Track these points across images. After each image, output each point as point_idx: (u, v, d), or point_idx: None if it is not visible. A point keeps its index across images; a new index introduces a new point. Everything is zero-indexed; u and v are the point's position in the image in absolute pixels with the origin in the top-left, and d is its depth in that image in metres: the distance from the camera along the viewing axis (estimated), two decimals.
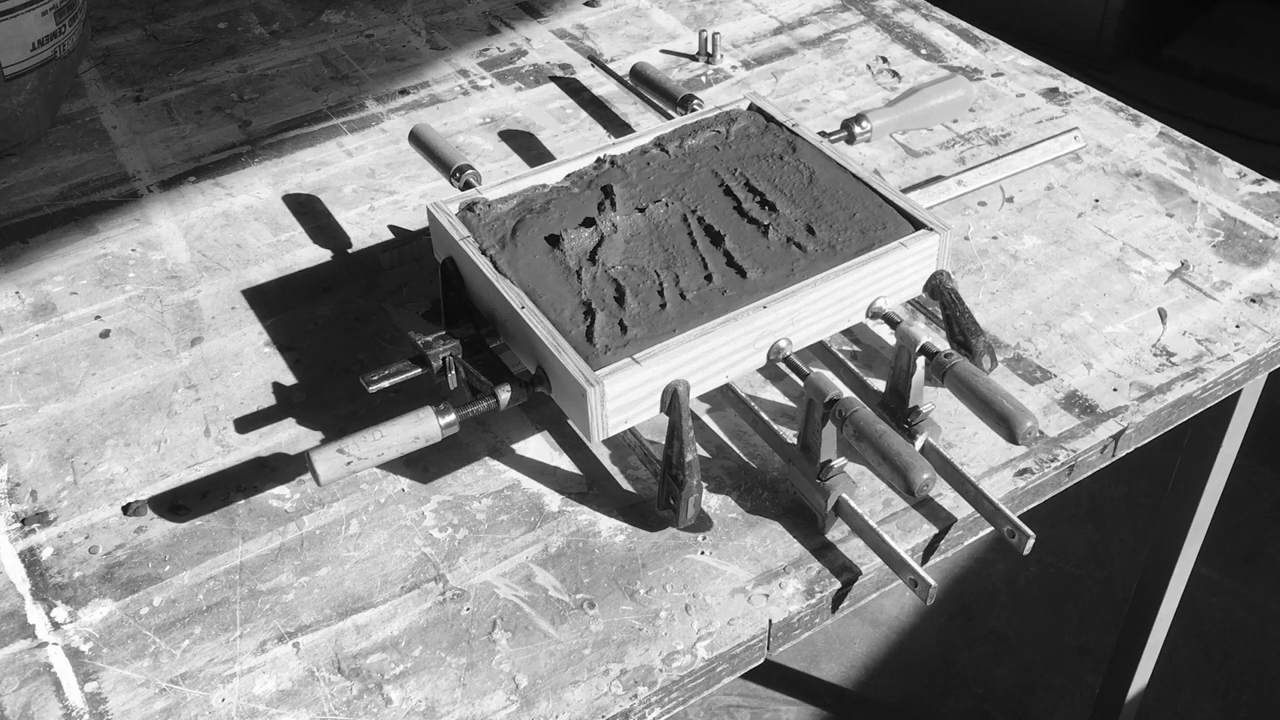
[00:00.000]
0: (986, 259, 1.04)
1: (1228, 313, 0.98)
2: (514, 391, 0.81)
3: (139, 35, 1.40)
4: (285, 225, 1.10)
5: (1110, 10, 2.95)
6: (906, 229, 0.88)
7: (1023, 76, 1.28)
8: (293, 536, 0.82)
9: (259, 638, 0.76)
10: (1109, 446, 0.89)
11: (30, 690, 0.73)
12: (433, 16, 1.42)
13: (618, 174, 0.94)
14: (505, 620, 0.77)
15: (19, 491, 0.86)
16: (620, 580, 0.79)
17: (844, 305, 0.85)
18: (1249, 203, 1.10)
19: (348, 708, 0.72)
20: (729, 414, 0.90)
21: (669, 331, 0.80)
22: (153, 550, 0.81)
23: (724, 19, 1.39)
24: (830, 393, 0.77)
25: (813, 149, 0.96)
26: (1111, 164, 1.15)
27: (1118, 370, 0.93)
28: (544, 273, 0.85)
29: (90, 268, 1.06)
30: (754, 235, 0.88)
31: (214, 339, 0.98)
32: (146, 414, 0.91)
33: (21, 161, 1.19)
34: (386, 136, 1.21)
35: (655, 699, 0.73)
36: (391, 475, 0.86)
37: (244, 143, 1.21)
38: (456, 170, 0.98)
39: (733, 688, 1.79)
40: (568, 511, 0.83)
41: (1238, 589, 1.90)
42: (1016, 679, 1.80)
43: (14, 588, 0.79)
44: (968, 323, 0.87)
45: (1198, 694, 1.77)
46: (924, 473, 0.72)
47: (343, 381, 0.93)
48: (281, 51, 1.36)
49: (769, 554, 0.80)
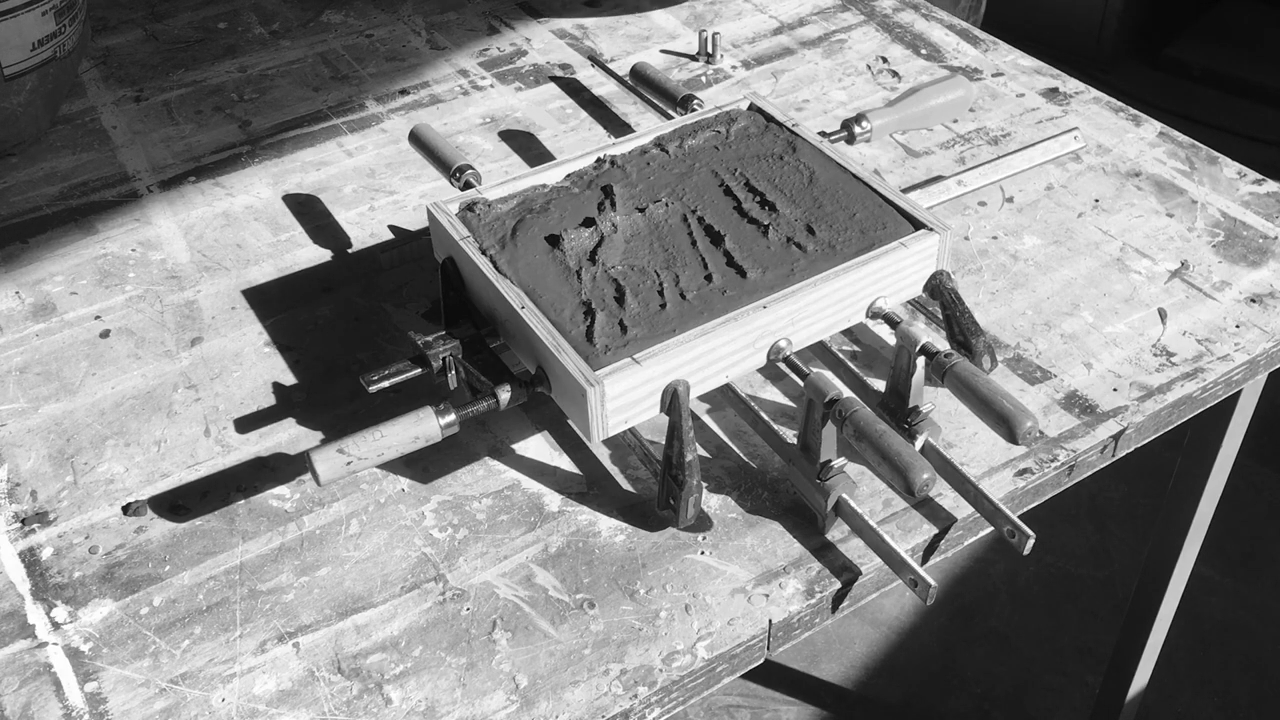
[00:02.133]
0: (986, 259, 1.04)
1: (1228, 313, 0.98)
2: (514, 391, 0.81)
3: (139, 35, 1.40)
4: (285, 225, 1.10)
5: (1110, 10, 2.95)
6: (906, 229, 0.88)
7: (1023, 76, 1.28)
8: (293, 536, 0.82)
9: (259, 638, 0.76)
10: (1109, 446, 0.89)
11: (30, 690, 0.73)
12: (433, 16, 1.42)
13: (618, 174, 0.94)
14: (505, 620, 0.77)
15: (19, 491, 0.86)
16: (620, 580, 0.79)
17: (844, 305, 0.85)
18: (1249, 203, 1.10)
19: (348, 708, 0.72)
20: (729, 414, 0.90)
21: (669, 331, 0.80)
22: (153, 550, 0.81)
23: (724, 19, 1.39)
24: (830, 393, 0.77)
25: (813, 149, 0.96)
26: (1111, 164, 1.15)
27: (1118, 370, 0.93)
28: (544, 273, 0.85)
29: (90, 268, 1.06)
30: (754, 235, 0.88)
31: (214, 339, 0.98)
32: (146, 414, 0.91)
33: (21, 161, 1.19)
34: (386, 136, 1.21)
35: (655, 699, 0.73)
36: (391, 475, 0.86)
37: (244, 143, 1.21)
38: (456, 170, 0.98)
39: (733, 688, 1.79)
40: (568, 511, 0.83)
41: (1237, 589, 1.90)
42: (1016, 679, 1.80)
43: (14, 588, 0.79)
44: (968, 323, 0.87)
45: (1198, 694, 1.77)
46: (924, 473, 0.72)
47: (343, 381, 0.93)
48: (281, 51, 1.36)
49: (769, 554, 0.80)
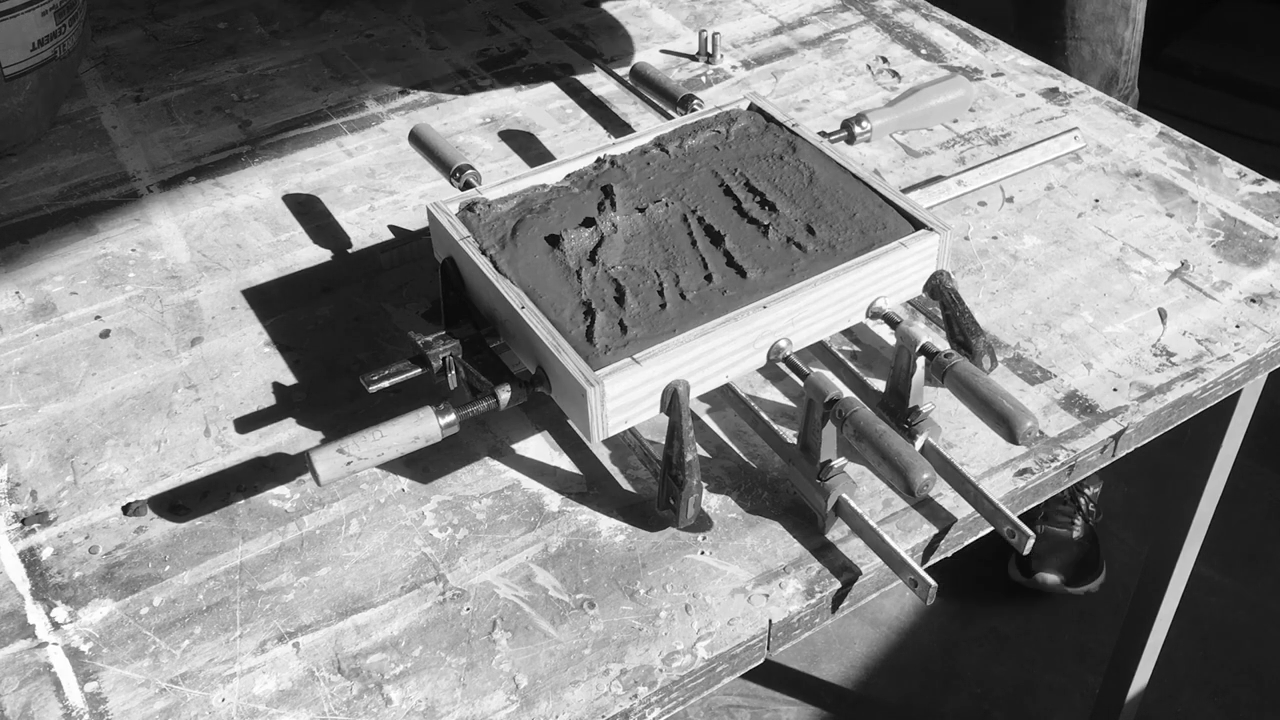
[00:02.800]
0: (986, 259, 1.04)
1: (1228, 313, 0.98)
2: (514, 391, 0.81)
3: (139, 35, 1.40)
4: (285, 225, 1.10)
5: None
6: (906, 229, 0.88)
7: (1023, 76, 1.28)
8: (293, 536, 0.82)
9: (259, 638, 0.76)
10: (1109, 446, 0.89)
11: (30, 690, 0.73)
12: (433, 16, 1.42)
13: (618, 174, 0.94)
14: (505, 620, 0.77)
15: (19, 491, 0.86)
16: (620, 580, 0.79)
17: (844, 305, 0.85)
18: (1249, 203, 1.10)
19: (348, 708, 0.72)
20: (729, 414, 0.90)
21: (669, 331, 0.80)
22: (153, 550, 0.82)
23: (724, 19, 1.39)
24: (830, 393, 0.77)
25: (813, 149, 0.96)
26: (1111, 164, 1.15)
27: (1118, 370, 0.93)
28: (544, 273, 0.85)
29: (90, 268, 1.06)
30: (754, 235, 0.88)
31: (214, 339, 0.98)
32: (146, 414, 0.91)
33: (21, 161, 1.19)
34: (386, 136, 1.21)
35: (655, 699, 0.73)
36: (391, 475, 0.86)
37: (244, 143, 1.21)
38: (456, 170, 0.98)
39: (733, 688, 1.79)
40: (568, 511, 0.83)
41: (1238, 589, 1.90)
42: (1016, 679, 1.80)
43: (14, 588, 0.79)
44: (968, 323, 0.87)
45: (1198, 694, 1.77)
46: (924, 473, 0.72)
47: (343, 381, 0.93)
48: (281, 51, 1.36)
49: (769, 554, 0.80)
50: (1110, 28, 1.55)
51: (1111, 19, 1.55)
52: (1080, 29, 1.55)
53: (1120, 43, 1.56)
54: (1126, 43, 1.57)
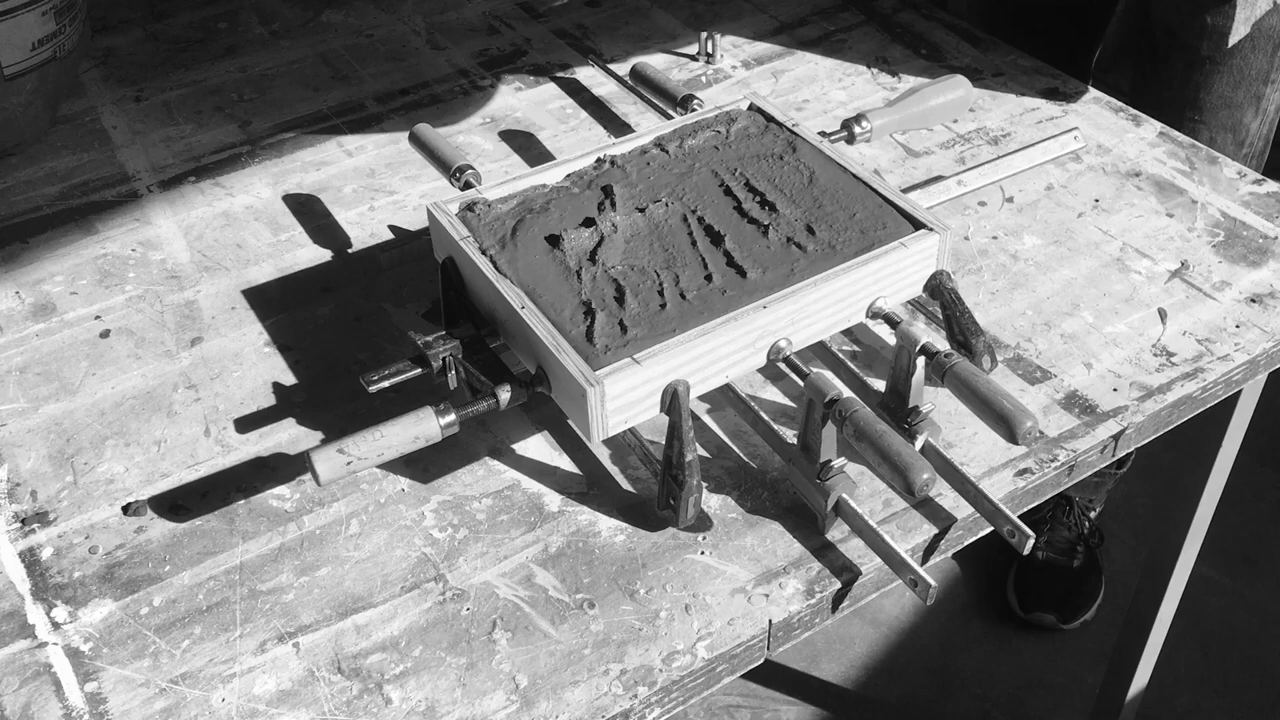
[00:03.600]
0: (986, 259, 1.04)
1: (1228, 313, 0.98)
2: (514, 391, 0.81)
3: (139, 35, 1.40)
4: (285, 225, 1.10)
5: None
6: (906, 229, 0.88)
7: (1023, 76, 1.28)
8: (293, 536, 0.82)
9: (259, 638, 0.76)
10: (1109, 446, 0.89)
11: (30, 690, 0.73)
12: (433, 16, 1.42)
13: (618, 174, 0.94)
14: (505, 620, 0.77)
15: (19, 491, 0.86)
16: (620, 580, 0.79)
17: (844, 305, 0.85)
18: (1249, 203, 1.10)
19: (348, 708, 0.72)
20: (729, 414, 0.90)
21: (669, 331, 0.80)
22: (153, 550, 0.81)
23: (724, 19, 1.39)
24: (830, 393, 0.77)
25: (813, 149, 0.96)
26: (1111, 164, 1.15)
27: (1118, 370, 0.93)
28: (544, 273, 0.85)
29: (90, 268, 1.06)
30: (754, 235, 0.88)
31: (214, 339, 0.98)
32: (146, 414, 0.92)
33: (21, 161, 1.19)
34: (386, 136, 1.21)
35: (655, 699, 0.73)
36: (391, 475, 0.86)
37: (244, 143, 1.21)
38: (456, 170, 0.98)
39: (733, 688, 1.79)
40: (568, 511, 0.83)
41: (1238, 589, 1.90)
42: (1016, 679, 1.80)
43: (14, 588, 0.79)
44: (968, 323, 0.87)
45: (1198, 694, 1.77)
46: (924, 473, 0.72)
47: (343, 381, 0.93)
48: (281, 51, 1.36)
49: (769, 554, 0.80)
50: (1236, 115, 1.37)
51: (1240, 106, 1.36)
52: (1202, 110, 1.37)
53: (1244, 133, 1.39)
54: (1252, 135, 1.40)
